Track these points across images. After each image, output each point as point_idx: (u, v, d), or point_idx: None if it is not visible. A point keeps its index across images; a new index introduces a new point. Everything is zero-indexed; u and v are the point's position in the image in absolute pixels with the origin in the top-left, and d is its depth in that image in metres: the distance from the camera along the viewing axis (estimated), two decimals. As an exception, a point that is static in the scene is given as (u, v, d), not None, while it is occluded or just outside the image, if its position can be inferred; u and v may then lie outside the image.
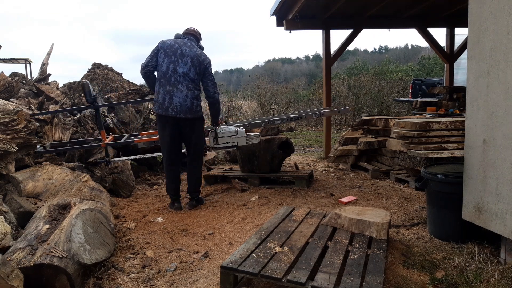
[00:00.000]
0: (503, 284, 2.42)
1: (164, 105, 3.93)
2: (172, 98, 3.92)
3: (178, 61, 3.95)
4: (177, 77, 3.94)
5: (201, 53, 4.06)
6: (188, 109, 3.95)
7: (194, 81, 3.98)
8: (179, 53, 3.97)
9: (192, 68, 3.96)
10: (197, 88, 4.02)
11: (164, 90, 3.94)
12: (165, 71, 3.95)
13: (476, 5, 2.72)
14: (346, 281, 2.14)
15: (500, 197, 2.56)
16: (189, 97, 3.94)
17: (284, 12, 6.64)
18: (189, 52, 3.99)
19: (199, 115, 4.08)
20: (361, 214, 2.96)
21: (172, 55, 3.96)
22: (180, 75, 3.94)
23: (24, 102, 4.78)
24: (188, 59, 3.96)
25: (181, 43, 4.04)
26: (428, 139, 4.38)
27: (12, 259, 2.39)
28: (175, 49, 3.98)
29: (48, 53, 7.91)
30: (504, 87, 2.50)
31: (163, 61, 3.97)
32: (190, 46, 4.04)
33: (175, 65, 3.94)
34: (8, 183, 3.65)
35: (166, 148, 4.10)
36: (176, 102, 3.92)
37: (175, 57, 3.96)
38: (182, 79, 3.94)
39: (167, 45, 4.01)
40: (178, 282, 2.64)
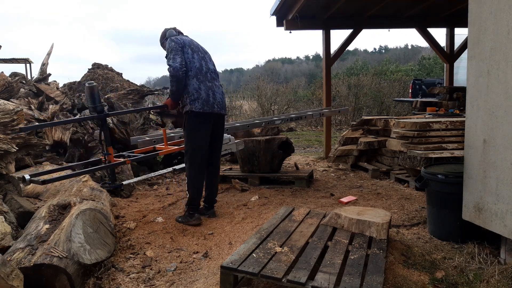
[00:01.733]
0: (503, 284, 2.42)
1: (209, 101, 3.58)
2: (215, 94, 3.66)
3: (205, 57, 3.76)
4: (211, 73, 3.73)
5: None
6: (224, 104, 3.80)
7: (218, 77, 3.86)
8: (201, 49, 3.77)
9: (212, 64, 3.84)
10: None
11: (205, 86, 3.62)
12: (199, 67, 3.64)
13: (476, 5, 2.72)
14: (346, 281, 2.14)
15: (500, 197, 2.56)
16: (223, 94, 3.82)
17: (284, 12, 6.64)
18: (202, 48, 3.82)
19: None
20: (361, 214, 2.96)
21: (198, 51, 3.71)
22: (212, 71, 3.76)
23: (24, 102, 4.79)
24: (207, 56, 3.81)
25: (192, 40, 3.82)
26: (428, 139, 4.38)
27: (12, 259, 2.39)
28: (196, 45, 3.75)
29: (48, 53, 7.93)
30: (504, 87, 2.50)
31: (193, 57, 3.63)
32: (197, 43, 3.86)
33: (205, 61, 3.72)
34: (8, 183, 3.65)
35: (204, 149, 3.69)
36: (219, 98, 3.69)
37: (201, 53, 3.73)
38: (214, 75, 3.77)
39: (188, 41, 3.70)
40: (178, 282, 2.64)
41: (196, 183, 3.70)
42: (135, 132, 5.65)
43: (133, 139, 4.51)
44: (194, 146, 3.66)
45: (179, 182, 5.57)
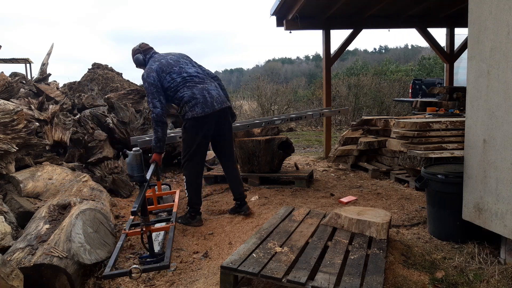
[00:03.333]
0: (503, 284, 2.42)
1: (207, 102, 3.55)
2: (210, 92, 3.61)
3: (181, 67, 3.68)
4: (197, 76, 3.69)
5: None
6: (226, 97, 3.78)
7: (207, 75, 3.80)
8: (173, 63, 3.68)
9: (191, 64, 3.79)
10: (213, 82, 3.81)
11: (198, 89, 3.59)
12: (182, 80, 3.61)
13: (476, 5, 2.72)
14: (346, 281, 2.14)
15: (500, 197, 2.56)
16: (218, 88, 3.75)
17: (284, 12, 6.64)
18: (173, 56, 3.75)
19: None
20: (361, 214, 2.96)
21: (172, 67, 3.64)
22: (195, 74, 3.70)
23: (24, 102, 4.78)
24: (183, 60, 3.75)
25: (160, 57, 3.74)
26: (428, 139, 4.38)
27: (12, 259, 2.40)
28: (166, 63, 3.66)
29: (48, 53, 7.93)
30: (504, 87, 2.50)
31: (171, 77, 3.60)
32: (164, 54, 3.80)
33: (184, 69, 3.67)
34: (8, 183, 3.65)
35: (201, 152, 3.66)
36: (215, 95, 3.63)
37: (176, 67, 3.66)
38: (201, 75, 3.73)
39: (158, 67, 3.61)
40: (178, 282, 2.64)
41: (194, 185, 3.69)
42: (135, 132, 5.65)
43: (133, 139, 4.52)
44: (193, 148, 3.62)
45: (179, 182, 5.57)
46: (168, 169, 6.18)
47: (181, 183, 5.51)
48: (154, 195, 3.79)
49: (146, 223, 2.77)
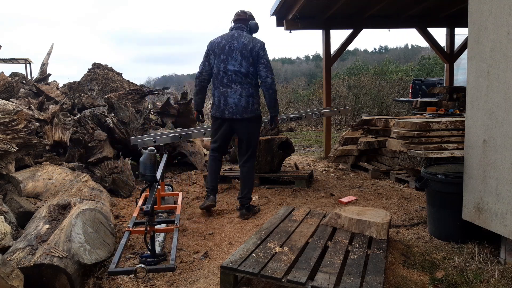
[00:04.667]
0: (503, 284, 2.42)
1: (220, 107, 3.76)
2: (227, 100, 3.72)
3: (228, 58, 3.72)
4: (229, 77, 3.72)
5: (250, 40, 3.73)
6: (244, 108, 3.72)
7: (247, 77, 3.72)
8: (227, 50, 3.73)
9: (244, 61, 3.70)
10: (252, 84, 3.76)
11: (218, 92, 3.77)
12: (216, 72, 3.77)
13: (476, 5, 2.72)
14: (346, 281, 2.14)
15: (500, 197, 2.56)
16: (243, 96, 3.71)
17: (284, 12, 6.63)
18: (236, 45, 3.71)
19: (256, 114, 3.81)
20: (361, 214, 2.96)
21: (220, 53, 3.74)
22: (232, 74, 3.72)
23: (24, 102, 4.78)
24: (237, 54, 3.70)
25: (228, 37, 3.77)
26: (428, 139, 4.38)
27: (12, 259, 2.40)
28: (223, 46, 3.74)
29: (48, 53, 7.93)
30: (504, 87, 2.50)
31: (214, 62, 3.77)
32: (238, 36, 3.75)
33: (225, 64, 3.72)
34: (8, 183, 3.65)
35: (216, 146, 3.95)
36: (231, 103, 3.71)
37: (224, 55, 3.73)
38: (235, 77, 3.71)
39: (214, 44, 3.79)
40: (178, 282, 2.64)
41: (208, 170, 4.08)
42: (135, 132, 5.65)
43: (133, 139, 4.51)
44: (211, 141, 4.06)
45: (179, 182, 5.57)
46: (168, 169, 6.18)
47: (181, 183, 5.51)
48: (158, 195, 3.80)
49: (151, 223, 2.76)
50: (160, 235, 3.32)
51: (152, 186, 2.90)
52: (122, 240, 2.78)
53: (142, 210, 3.12)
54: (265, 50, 3.74)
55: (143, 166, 2.82)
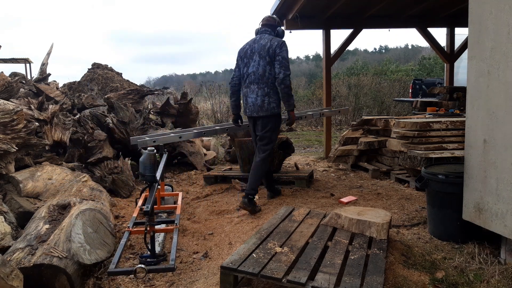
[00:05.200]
0: (503, 284, 2.42)
1: (245, 107, 4.13)
2: (247, 99, 4.05)
3: (249, 61, 4.02)
4: (249, 78, 4.01)
5: (268, 41, 3.93)
6: (259, 107, 3.97)
7: (264, 76, 3.93)
8: (249, 54, 4.03)
9: (261, 61, 3.92)
10: (268, 84, 3.93)
11: (242, 93, 4.15)
12: (241, 75, 4.12)
13: (476, 5, 2.72)
14: (346, 281, 2.13)
15: (500, 197, 2.56)
16: (259, 95, 3.95)
17: (284, 12, 6.63)
18: (256, 47, 3.98)
19: (272, 113, 3.97)
20: (361, 214, 2.95)
21: (244, 58, 4.07)
22: (251, 75, 4.00)
23: (24, 102, 4.78)
24: (256, 56, 3.96)
25: (251, 42, 4.08)
26: (429, 139, 4.38)
27: (12, 259, 2.39)
28: (246, 51, 4.07)
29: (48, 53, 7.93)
30: (505, 87, 2.50)
31: (240, 66, 4.12)
32: (259, 39, 4.01)
33: (247, 66, 4.03)
34: (7, 183, 3.65)
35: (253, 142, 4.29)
36: (250, 103, 4.02)
37: (246, 59, 4.05)
38: (252, 78, 3.99)
39: (241, 50, 4.14)
40: (178, 282, 2.64)
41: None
42: (135, 132, 5.65)
43: (133, 139, 4.50)
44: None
45: (179, 182, 5.57)
46: (168, 169, 6.18)
47: (181, 183, 5.51)
48: (158, 195, 3.80)
49: (151, 223, 2.76)
50: (160, 235, 3.32)
51: (152, 186, 2.89)
52: (122, 240, 2.78)
53: (142, 210, 3.13)
54: (282, 48, 3.88)
55: (143, 166, 2.82)
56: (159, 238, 3.27)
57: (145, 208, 2.63)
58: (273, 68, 3.89)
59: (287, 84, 3.87)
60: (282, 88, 3.89)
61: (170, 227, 3.16)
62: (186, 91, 9.59)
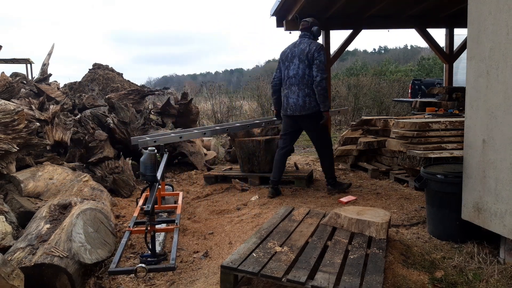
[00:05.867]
0: (503, 283, 2.43)
1: (284, 106, 4.47)
2: (288, 100, 4.38)
3: (289, 65, 4.35)
4: (290, 80, 4.35)
5: (308, 45, 4.25)
6: (301, 107, 4.30)
7: (304, 78, 4.25)
8: (289, 57, 4.36)
9: (301, 65, 4.25)
10: (308, 85, 4.24)
11: (283, 94, 4.51)
12: (282, 77, 4.48)
13: (476, 5, 2.73)
14: (345, 281, 2.14)
15: (499, 197, 2.57)
16: (300, 96, 4.27)
17: (284, 13, 6.64)
18: (296, 51, 4.31)
19: (314, 111, 4.30)
20: (361, 214, 2.96)
21: (285, 61, 4.41)
22: (291, 77, 4.33)
23: (24, 102, 4.79)
24: (296, 59, 4.29)
25: (292, 46, 4.41)
26: (428, 139, 4.39)
27: (13, 259, 2.40)
28: (287, 54, 4.40)
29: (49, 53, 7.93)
30: (504, 87, 2.51)
31: (281, 69, 4.48)
32: (299, 43, 4.34)
33: (287, 69, 4.37)
34: (9, 183, 3.66)
35: (282, 140, 4.60)
36: (291, 103, 4.34)
37: (287, 62, 4.38)
38: (293, 80, 4.31)
39: (282, 54, 4.48)
40: (178, 281, 2.65)
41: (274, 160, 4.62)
42: (135, 132, 5.66)
43: (134, 139, 4.52)
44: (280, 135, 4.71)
45: (180, 182, 5.58)
46: (169, 169, 6.19)
47: (181, 183, 5.52)
48: (159, 195, 3.81)
49: (152, 222, 2.77)
50: (161, 235, 3.33)
51: (152, 186, 2.91)
52: (123, 240, 2.79)
53: (142, 209, 3.13)
54: (320, 52, 4.22)
55: (143, 166, 2.83)
56: (160, 237, 3.29)
57: (146, 207, 2.64)
58: (312, 71, 4.22)
59: (323, 86, 4.20)
60: (319, 90, 4.21)
61: (170, 227, 3.17)
62: (186, 91, 9.60)
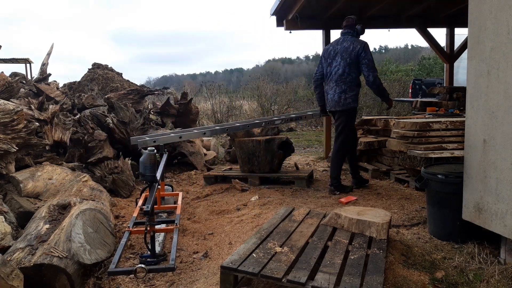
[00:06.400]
0: (503, 284, 2.42)
1: (325, 102, 4.68)
2: (328, 95, 4.60)
3: (332, 62, 4.49)
4: (331, 77, 4.51)
5: (351, 43, 4.37)
6: (336, 102, 4.48)
7: (343, 75, 4.40)
8: (332, 54, 4.50)
9: (342, 62, 4.38)
10: (346, 82, 4.39)
11: (325, 89, 4.67)
12: (324, 74, 4.64)
13: (476, 5, 2.72)
14: (346, 281, 2.14)
15: (500, 197, 2.56)
16: (336, 92, 4.45)
17: (284, 12, 6.63)
18: (339, 48, 4.45)
19: (348, 107, 4.45)
20: (361, 214, 2.96)
21: (327, 58, 4.56)
22: (332, 74, 4.49)
23: (24, 102, 4.78)
24: (338, 57, 4.42)
25: (334, 43, 4.56)
26: (428, 139, 4.38)
27: (12, 259, 2.40)
28: (329, 51, 4.55)
29: (48, 53, 7.93)
30: (504, 87, 2.50)
31: (323, 65, 4.62)
32: (342, 41, 4.47)
33: (330, 66, 4.52)
34: (8, 183, 3.65)
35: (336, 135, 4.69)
36: (329, 98, 4.56)
37: (330, 59, 4.53)
38: (333, 77, 4.47)
39: (325, 50, 4.63)
40: (178, 282, 2.64)
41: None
42: (135, 132, 5.65)
43: (133, 139, 4.51)
44: None
45: (179, 182, 5.57)
46: (168, 169, 6.18)
47: (181, 183, 5.51)
48: (158, 195, 3.80)
49: (151, 223, 2.76)
50: (160, 235, 3.32)
51: (152, 186, 2.90)
52: (122, 240, 2.78)
53: (142, 210, 3.13)
54: (366, 51, 4.33)
55: (143, 166, 2.82)
56: (159, 238, 3.28)
57: (145, 208, 2.63)
58: (352, 69, 4.36)
59: (378, 83, 4.40)
60: (375, 88, 4.45)
61: (170, 227, 3.16)
62: (186, 91, 9.59)
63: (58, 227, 2.76)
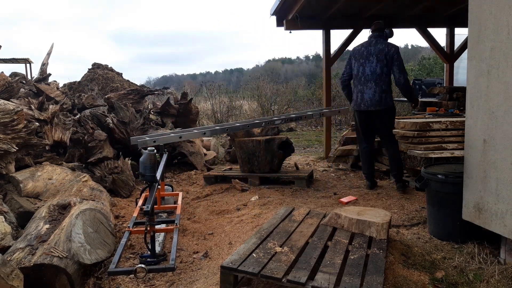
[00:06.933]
0: (503, 284, 2.42)
1: (357, 102, 4.65)
2: (363, 95, 4.57)
3: (366, 62, 4.53)
4: (366, 77, 4.53)
5: (385, 46, 4.47)
6: (377, 102, 4.50)
7: (381, 76, 4.47)
8: (365, 55, 4.54)
9: (378, 63, 4.45)
10: (385, 82, 4.48)
11: (357, 89, 4.64)
12: (356, 73, 4.65)
13: (476, 5, 2.72)
14: (346, 281, 2.14)
15: (500, 197, 2.56)
16: (377, 92, 4.48)
17: (284, 12, 6.63)
18: (373, 50, 4.51)
19: (389, 106, 4.55)
20: (361, 214, 2.96)
21: (360, 58, 4.59)
22: (368, 74, 4.51)
23: (24, 102, 4.78)
24: (373, 58, 4.49)
25: (367, 44, 4.59)
26: (428, 139, 4.38)
27: (12, 259, 2.40)
28: (362, 52, 4.59)
29: (48, 53, 7.92)
30: (504, 87, 2.50)
31: (354, 66, 4.65)
32: (375, 43, 4.54)
33: (363, 66, 4.55)
34: (8, 183, 3.65)
35: (360, 135, 4.83)
36: (366, 98, 4.54)
37: (362, 59, 4.56)
38: (370, 77, 4.50)
39: (355, 51, 4.66)
40: (178, 282, 2.64)
41: (361, 158, 4.94)
42: (135, 132, 5.65)
43: (133, 139, 4.50)
44: (356, 133, 5.02)
45: (179, 182, 5.57)
46: (168, 169, 6.18)
47: (181, 183, 5.51)
48: (158, 195, 3.80)
49: (151, 223, 2.75)
50: (160, 235, 3.32)
51: (152, 186, 2.90)
52: (122, 240, 2.78)
53: (142, 210, 3.13)
54: (398, 54, 4.50)
55: (143, 166, 2.82)
56: (159, 238, 3.28)
57: (145, 208, 2.63)
58: (388, 70, 4.48)
59: (407, 85, 4.58)
60: (405, 90, 4.61)
61: (170, 227, 3.16)
62: (186, 91, 9.59)
63: (58, 227, 2.76)
